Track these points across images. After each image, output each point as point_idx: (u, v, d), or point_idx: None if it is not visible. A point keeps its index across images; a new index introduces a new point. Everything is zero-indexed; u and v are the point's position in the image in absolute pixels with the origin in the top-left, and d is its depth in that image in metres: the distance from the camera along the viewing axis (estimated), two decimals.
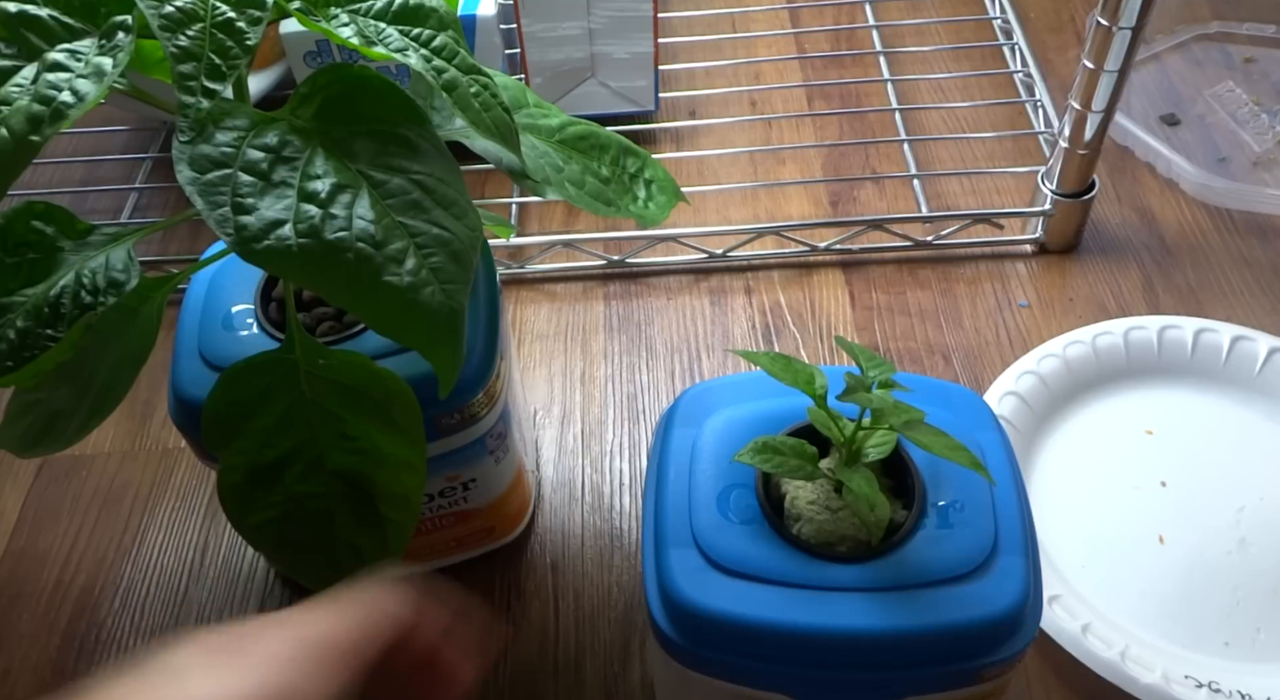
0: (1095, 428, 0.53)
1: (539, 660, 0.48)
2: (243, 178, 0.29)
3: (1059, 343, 0.55)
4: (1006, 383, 0.53)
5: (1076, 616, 0.45)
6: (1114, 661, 0.44)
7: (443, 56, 0.33)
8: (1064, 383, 0.54)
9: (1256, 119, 0.70)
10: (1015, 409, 0.52)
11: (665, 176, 0.44)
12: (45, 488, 0.55)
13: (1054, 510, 0.50)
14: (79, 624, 0.50)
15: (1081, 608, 0.46)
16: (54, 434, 0.35)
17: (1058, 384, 0.54)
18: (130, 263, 0.34)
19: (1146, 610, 0.47)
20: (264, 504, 0.36)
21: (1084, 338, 0.55)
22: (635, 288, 0.63)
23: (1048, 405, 0.53)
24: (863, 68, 0.75)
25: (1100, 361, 0.55)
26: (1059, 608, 0.45)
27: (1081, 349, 0.55)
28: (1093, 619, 0.45)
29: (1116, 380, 0.55)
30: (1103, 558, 0.48)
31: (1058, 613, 0.45)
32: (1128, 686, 0.43)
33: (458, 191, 0.32)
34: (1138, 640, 0.45)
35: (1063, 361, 0.54)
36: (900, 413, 0.33)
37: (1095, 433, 0.53)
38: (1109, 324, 0.56)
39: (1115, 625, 0.46)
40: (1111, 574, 0.48)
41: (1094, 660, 0.44)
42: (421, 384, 0.37)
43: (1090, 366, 0.54)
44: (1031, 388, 0.53)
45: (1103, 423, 0.53)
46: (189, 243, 0.66)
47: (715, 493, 0.36)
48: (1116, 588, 0.47)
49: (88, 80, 0.29)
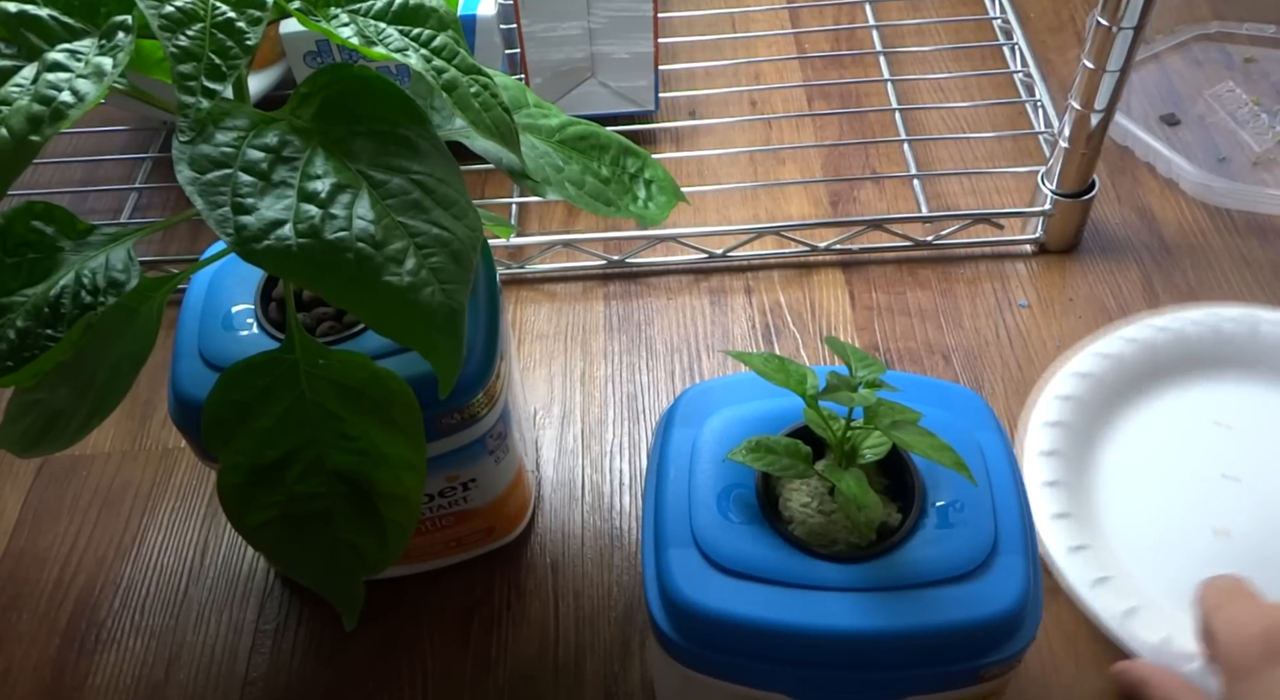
0: (1164, 416, 0.53)
1: (539, 660, 0.48)
2: (243, 178, 0.29)
3: (1136, 328, 0.55)
4: (1078, 364, 0.54)
5: (1124, 599, 0.46)
6: (1156, 647, 0.44)
7: (443, 56, 0.33)
8: (1141, 367, 0.54)
9: (1256, 119, 0.70)
10: (1084, 389, 0.53)
11: (665, 176, 0.44)
12: (45, 488, 0.55)
13: (1114, 495, 0.50)
14: (79, 624, 0.50)
15: (1130, 592, 0.46)
16: (54, 434, 0.35)
17: (1134, 367, 0.54)
18: (130, 263, 0.34)
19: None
20: (264, 504, 0.36)
21: (1170, 324, 0.55)
22: (635, 288, 0.63)
23: (1118, 388, 0.54)
24: (863, 68, 0.75)
25: (1186, 348, 0.54)
26: (1107, 590, 0.46)
27: (1164, 334, 0.55)
28: (1140, 603, 0.46)
29: (1193, 370, 0.54)
30: (1159, 545, 0.49)
31: (1105, 595, 0.46)
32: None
33: (458, 191, 0.32)
34: (1184, 629, 0.45)
35: (1140, 346, 0.54)
36: (892, 413, 0.33)
37: (1164, 421, 0.53)
38: (1198, 311, 0.55)
39: (1163, 612, 0.46)
40: (1166, 562, 0.48)
41: (1137, 643, 0.44)
42: (421, 384, 0.37)
43: (1173, 352, 0.54)
44: (1104, 369, 0.53)
45: (1173, 412, 0.53)
46: (189, 243, 0.66)
47: (715, 493, 0.36)
48: (1169, 575, 0.47)
49: (88, 80, 0.29)
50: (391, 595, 0.50)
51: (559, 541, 0.52)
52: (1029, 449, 0.51)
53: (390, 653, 0.48)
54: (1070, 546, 0.47)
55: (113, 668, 0.48)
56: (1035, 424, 0.52)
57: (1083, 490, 0.50)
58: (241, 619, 0.50)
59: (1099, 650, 0.47)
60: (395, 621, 0.49)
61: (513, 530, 0.51)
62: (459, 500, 0.46)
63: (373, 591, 0.49)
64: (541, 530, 0.52)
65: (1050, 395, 0.53)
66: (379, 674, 0.48)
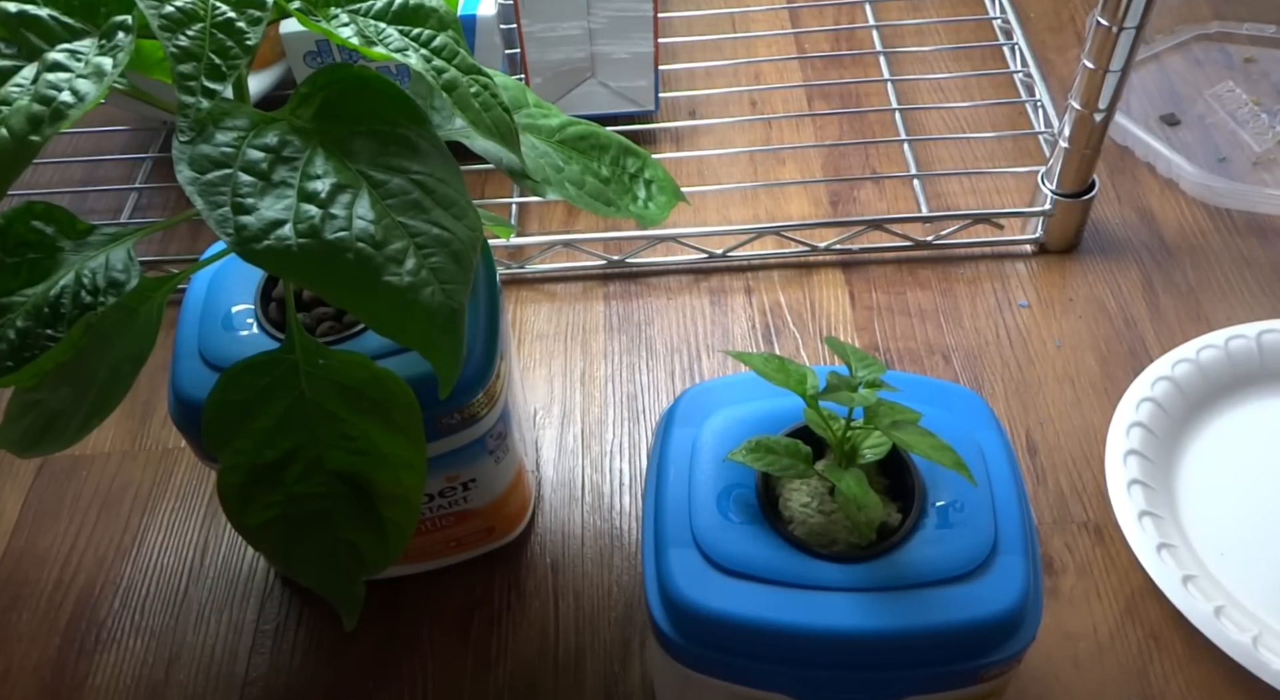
0: (1251, 425, 0.54)
1: (539, 660, 0.48)
2: (243, 178, 0.29)
3: (1220, 335, 0.56)
4: (1161, 368, 0.54)
5: (1210, 599, 0.46)
6: (1245, 645, 0.44)
7: (443, 56, 0.33)
8: (1224, 376, 0.55)
9: (1256, 119, 0.70)
10: (1167, 394, 0.53)
11: (665, 176, 0.44)
12: (45, 488, 0.55)
13: (1199, 497, 0.51)
14: (79, 624, 0.50)
15: (1216, 591, 0.47)
16: (54, 434, 0.35)
17: (1217, 375, 0.55)
18: (130, 263, 0.34)
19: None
20: (264, 504, 0.36)
21: (1248, 333, 0.56)
22: (635, 288, 0.63)
23: (1204, 395, 0.54)
24: (863, 68, 0.75)
25: (1264, 360, 0.55)
26: (1194, 588, 0.46)
27: (1244, 344, 0.55)
28: (1226, 603, 0.46)
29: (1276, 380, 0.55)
30: (1244, 549, 0.49)
31: (1192, 593, 0.46)
32: (1259, 671, 0.44)
33: (458, 191, 0.32)
34: (1271, 630, 0.46)
35: (1224, 353, 0.55)
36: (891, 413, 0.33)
37: (1251, 429, 0.54)
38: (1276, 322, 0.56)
39: (1249, 612, 0.46)
40: (1252, 565, 0.48)
41: (1226, 642, 0.44)
42: (421, 384, 0.37)
43: (1252, 363, 0.55)
44: (1187, 375, 0.54)
45: (1260, 421, 0.54)
46: (189, 243, 0.66)
47: (715, 493, 0.36)
48: (1255, 578, 0.48)
49: (88, 80, 0.29)
50: (391, 595, 0.50)
51: (559, 541, 0.52)
52: (1112, 448, 0.52)
53: (390, 653, 0.48)
54: (1158, 544, 0.48)
55: (113, 668, 0.48)
56: (1119, 426, 0.53)
57: (1167, 492, 0.51)
58: (241, 619, 0.50)
59: (1099, 651, 0.47)
60: (395, 621, 0.49)
61: (513, 530, 0.51)
62: (459, 500, 0.46)
63: (373, 591, 0.49)
64: (541, 530, 0.52)
65: (1135, 398, 0.54)
66: (379, 674, 0.48)
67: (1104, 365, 0.58)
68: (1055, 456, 0.54)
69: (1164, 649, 0.47)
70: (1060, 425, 0.55)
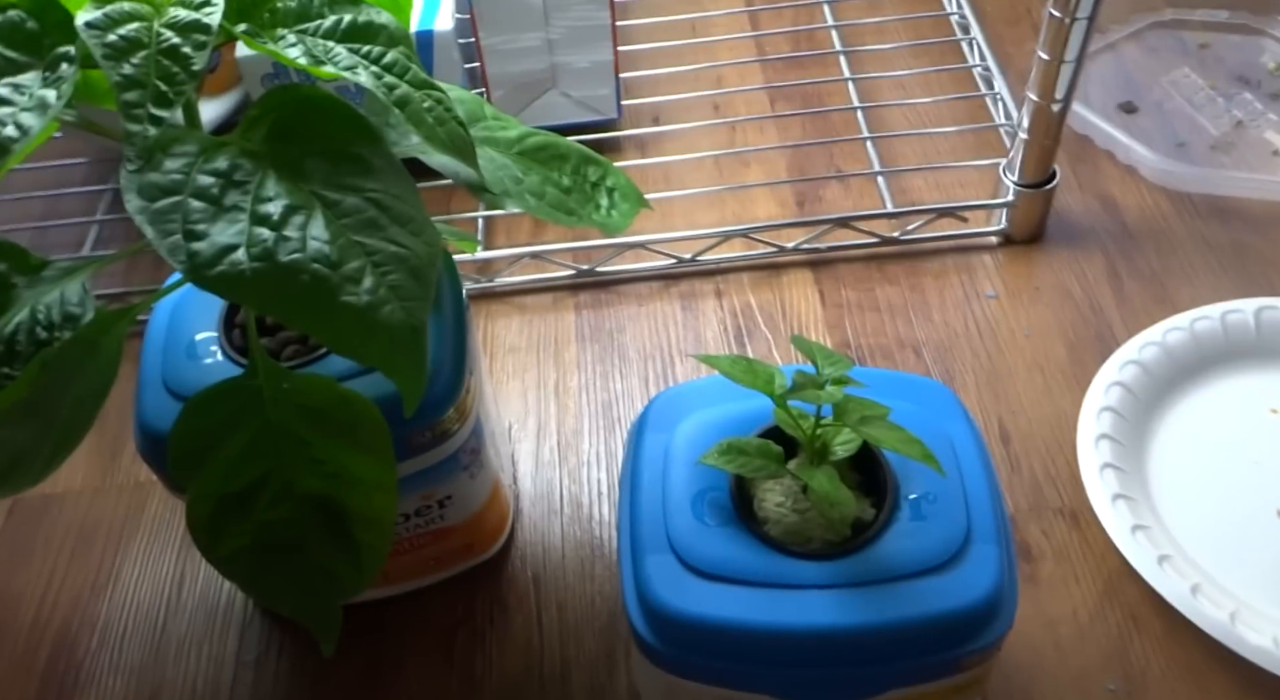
0: (1219, 404, 0.54)
1: (524, 675, 0.47)
2: (193, 204, 0.29)
3: (1186, 317, 0.56)
4: (1129, 352, 0.55)
5: (1186, 577, 0.46)
6: (1223, 622, 0.44)
7: (394, 73, 0.33)
8: (1190, 357, 0.55)
9: (1213, 103, 0.70)
10: (1136, 378, 0.54)
11: (627, 184, 0.44)
12: (17, 528, 0.55)
13: (1171, 478, 0.51)
14: (57, 665, 0.49)
15: (1191, 570, 0.47)
16: (18, 473, 0.35)
17: (1183, 357, 0.55)
18: (86, 296, 0.34)
19: (1258, 579, 0.47)
20: (235, 533, 0.36)
21: (1212, 314, 0.56)
22: (606, 296, 0.63)
23: (1172, 377, 0.55)
24: (823, 68, 0.76)
25: (1229, 339, 0.56)
26: (1169, 568, 0.46)
27: (1209, 324, 0.56)
28: (1202, 581, 0.46)
29: (1244, 358, 0.56)
30: (1218, 527, 0.49)
31: (1168, 573, 0.46)
32: (1237, 646, 0.44)
33: (414, 208, 0.32)
34: (1247, 606, 0.46)
35: (1190, 335, 0.55)
36: (860, 408, 0.34)
37: (1219, 409, 0.54)
38: (1240, 302, 0.57)
39: (1225, 589, 0.47)
40: (1225, 543, 0.49)
41: (1203, 619, 0.45)
42: (390, 403, 0.37)
43: (1218, 343, 0.56)
44: (1155, 358, 0.55)
45: (1227, 400, 0.54)
46: (152, 272, 0.65)
47: (689, 497, 0.36)
48: (1229, 556, 0.48)
49: (31, 113, 0.29)
50: (373, 618, 0.49)
51: (539, 554, 0.52)
52: (1084, 433, 0.52)
53: (375, 676, 0.48)
54: (1132, 526, 0.48)
55: None
56: (1090, 411, 0.53)
57: (1139, 475, 0.51)
58: (221, 651, 0.49)
59: (1079, 634, 0.47)
60: (378, 644, 0.49)
61: (492, 546, 0.50)
62: (436, 518, 0.45)
63: (354, 615, 0.49)
64: (521, 544, 0.52)
65: (1104, 383, 0.54)
66: (364, 699, 0.47)
67: (1072, 352, 0.58)
68: (1028, 444, 0.54)
69: (1143, 629, 0.47)
70: (1032, 413, 0.56)
